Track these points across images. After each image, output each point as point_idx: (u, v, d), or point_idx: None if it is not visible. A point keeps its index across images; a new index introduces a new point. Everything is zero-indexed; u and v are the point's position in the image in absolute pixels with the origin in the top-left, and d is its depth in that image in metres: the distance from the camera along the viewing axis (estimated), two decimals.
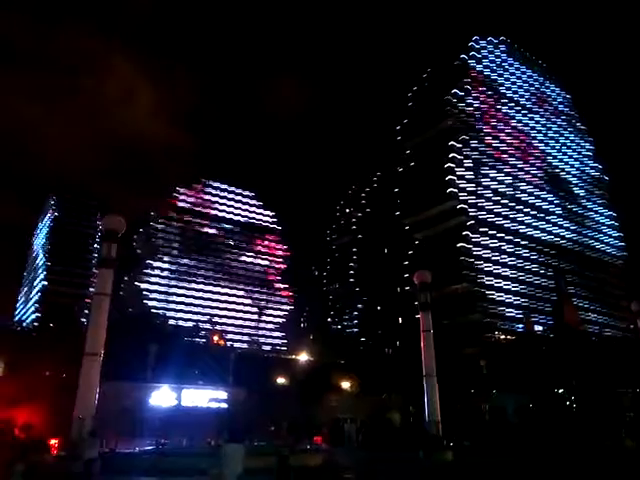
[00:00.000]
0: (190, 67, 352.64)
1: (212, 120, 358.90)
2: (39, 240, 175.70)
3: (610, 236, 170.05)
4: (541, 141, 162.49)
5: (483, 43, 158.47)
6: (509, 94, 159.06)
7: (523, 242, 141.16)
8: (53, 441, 33.23)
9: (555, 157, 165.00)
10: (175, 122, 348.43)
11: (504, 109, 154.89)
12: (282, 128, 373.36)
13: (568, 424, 50.20)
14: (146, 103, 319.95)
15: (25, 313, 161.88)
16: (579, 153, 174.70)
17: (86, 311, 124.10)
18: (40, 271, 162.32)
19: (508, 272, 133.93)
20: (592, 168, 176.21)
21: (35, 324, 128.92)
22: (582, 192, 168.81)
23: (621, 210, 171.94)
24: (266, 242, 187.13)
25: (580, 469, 29.92)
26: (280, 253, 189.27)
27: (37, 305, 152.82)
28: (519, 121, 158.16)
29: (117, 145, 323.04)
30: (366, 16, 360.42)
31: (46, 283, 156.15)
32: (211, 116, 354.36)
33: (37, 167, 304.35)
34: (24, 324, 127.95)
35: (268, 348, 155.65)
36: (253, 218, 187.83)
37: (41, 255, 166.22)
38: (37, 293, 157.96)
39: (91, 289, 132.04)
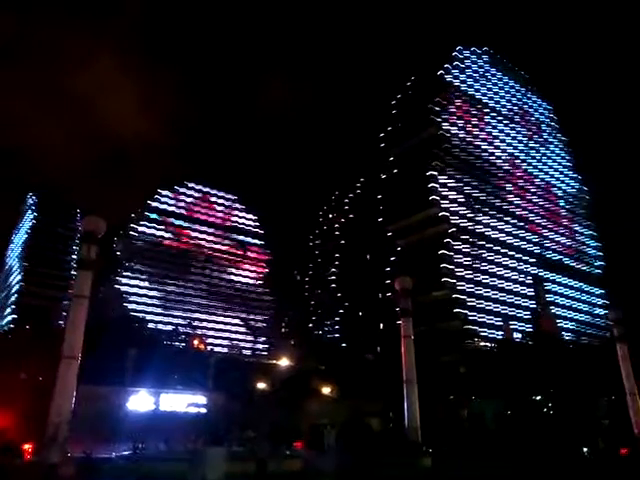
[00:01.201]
0: (173, 67, 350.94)
1: (194, 121, 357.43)
2: (17, 240, 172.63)
3: (589, 245, 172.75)
4: (522, 151, 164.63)
5: (466, 53, 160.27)
6: (491, 104, 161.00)
7: (503, 250, 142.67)
8: (27, 446, 32.62)
9: (536, 167, 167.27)
10: (158, 123, 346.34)
11: (486, 119, 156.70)
12: (266, 132, 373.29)
13: (545, 430, 50.71)
14: (129, 103, 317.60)
15: (0, 315, 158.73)
16: (559, 164, 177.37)
17: (64, 313, 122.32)
18: (17, 272, 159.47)
19: (488, 280, 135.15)
20: (572, 178, 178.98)
21: (11, 326, 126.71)
22: (562, 202, 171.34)
23: (600, 220, 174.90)
24: (248, 246, 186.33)
25: (556, 473, 30.27)
26: (262, 257, 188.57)
27: (13, 307, 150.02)
28: (501, 131, 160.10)
29: (99, 147, 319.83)
30: (351, 24, 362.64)
31: (23, 284, 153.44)
32: (194, 117, 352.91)
33: (17, 166, 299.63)
34: None
35: (249, 353, 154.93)
36: (235, 222, 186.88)
37: (18, 256, 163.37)
38: (13, 294, 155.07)
39: (70, 291, 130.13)
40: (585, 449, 44.02)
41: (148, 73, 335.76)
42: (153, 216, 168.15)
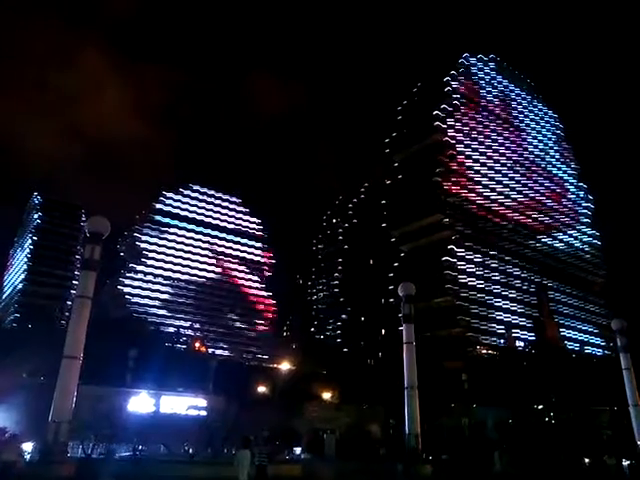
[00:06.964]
0: (173, 67, 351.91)
1: (197, 123, 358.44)
2: (21, 240, 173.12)
3: (592, 255, 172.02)
4: (527, 158, 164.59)
5: (473, 60, 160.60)
6: (497, 111, 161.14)
7: (507, 258, 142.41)
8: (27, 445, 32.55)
9: (541, 175, 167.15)
10: (161, 125, 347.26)
11: (492, 126, 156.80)
12: (271, 135, 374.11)
13: (546, 440, 50.40)
14: (129, 105, 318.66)
15: (4, 313, 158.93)
16: (564, 172, 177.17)
17: (66, 313, 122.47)
18: (21, 271, 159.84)
19: (491, 287, 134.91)
20: (576, 187, 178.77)
21: (14, 325, 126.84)
22: (565, 210, 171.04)
23: (603, 228, 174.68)
24: (251, 249, 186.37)
25: None
26: (264, 261, 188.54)
27: (16, 306, 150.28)
28: (506, 138, 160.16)
29: (103, 149, 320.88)
30: (359, 30, 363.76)
31: (26, 283, 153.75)
32: (196, 119, 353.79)
33: (21, 167, 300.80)
34: (2, 325, 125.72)
35: (250, 356, 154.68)
36: (239, 225, 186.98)
37: (22, 255, 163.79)
38: (17, 293, 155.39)
39: (72, 291, 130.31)
40: (587, 460, 43.69)
41: (141, 73, 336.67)
42: (157, 218, 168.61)
